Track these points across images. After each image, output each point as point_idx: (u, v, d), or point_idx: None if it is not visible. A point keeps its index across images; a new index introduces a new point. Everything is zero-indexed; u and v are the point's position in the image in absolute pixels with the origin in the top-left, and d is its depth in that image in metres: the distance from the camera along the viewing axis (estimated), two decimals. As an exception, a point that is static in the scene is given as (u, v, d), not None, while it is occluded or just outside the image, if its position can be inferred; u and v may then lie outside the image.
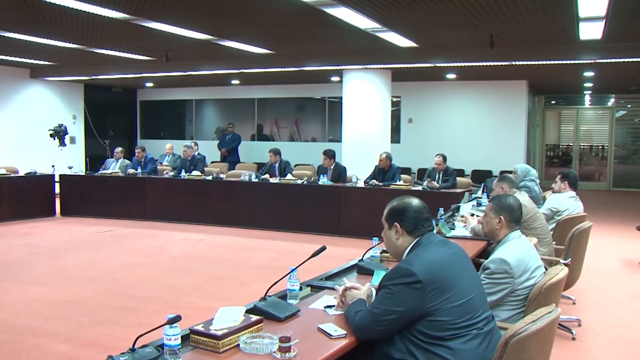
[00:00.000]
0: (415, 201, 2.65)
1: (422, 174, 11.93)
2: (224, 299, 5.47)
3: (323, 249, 3.02)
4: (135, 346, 2.12)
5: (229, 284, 6.36)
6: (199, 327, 2.31)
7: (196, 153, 11.27)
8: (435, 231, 2.69)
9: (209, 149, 14.41)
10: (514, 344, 2.19)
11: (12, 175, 10.75)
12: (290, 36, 8.82)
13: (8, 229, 9.57)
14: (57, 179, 11.18)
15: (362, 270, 3.45)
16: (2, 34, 8.71)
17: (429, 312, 2.33)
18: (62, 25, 8.03)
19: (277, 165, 10.17)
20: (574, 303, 5.65)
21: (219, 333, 2.25)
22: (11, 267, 7.09)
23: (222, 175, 10.44)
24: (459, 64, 10.43)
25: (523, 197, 4.96)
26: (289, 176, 9.81)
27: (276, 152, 10.26)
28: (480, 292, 2.56)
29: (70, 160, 12.49)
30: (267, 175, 9.94)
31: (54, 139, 12.14)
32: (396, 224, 2.61)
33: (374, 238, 3.73)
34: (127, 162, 11.33)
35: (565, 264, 3.94)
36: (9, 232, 9.34)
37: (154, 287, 6.20)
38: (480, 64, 10.02)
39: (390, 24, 7.61)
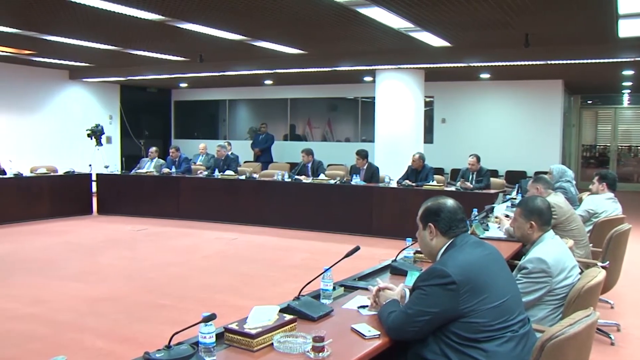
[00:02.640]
0: (450, 202, 2.63)
1: (455, 174, 11.84)
2: (256, 298, 5.50)
3: (357, 249, 3.01)
4: (171, 343, 2.14)
5: (262, 283, 6.40)
6: (233, 326, 2.32)
7: (229, 153, 11.36)
8: (469, 232, 2.66)
9: (242, 149, 14.51)
10: (550, 348, 2.15)
11: (52, 174, 11.00)
12: (323, 36, 8.83)
13: (47, 227, 9.78)
14: (94, 178, 11.37)
15: (396, 270, 3.44)
16: (44, 37, 8.91)
17: (463, 314, 2.32)
18: (100, 27, 8.18)
19: (309, 165, 10.19)
20: (612, 307, 5.54)
21: (253, 332, 2.27)
22: (50, 264, 7.25)
23: (255, 175, 10.50)
24: (493, 64, 10.31)
25: (559, 199, 4.88)
26: (321, 176, 9.83)
27: (309, 152, 10.28)
28: (515, 294, 2.53)
29: (106, 159, 12.72)
30: (302, 177, 9.95)
31: (91, 138, 12.36)
32: (430, 224, 2.60)
33: (407, 238, 3.71)
34: (162, 161, 11.48)
35: (603, 267, 3.86)
36: (48, 230, 9.55)
37: (187, 286, 6.27)
38: (515, 63, 9.89)
39: (423, 23, 7.57)
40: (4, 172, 10.27)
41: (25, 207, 10.18)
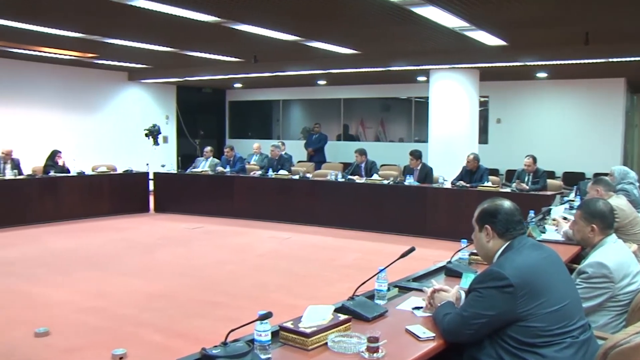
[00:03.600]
0: (507, 203, 2.59)
1: (510, 175, 11.60)
2: (309, 298, 5.53)
3: (412, 249, 3.00)
4: (227, 340, 2.17)
5: (315, 283, 6.43)
6: (289, 324, 2.35)
7: (283, 152, 11.44)
8: (526, 234, 2.61)
9: (296, 149, 14.59)
10: (614, 356, 2.07)
11: (111, 172, 11.33)
12: (377, 36, 8.80)
13: (107, 224, 10.07)
14: (151, 176, 11.65)
15: (451, 272, 3.41)
16: (106, 41, 9.18)
17: (520, 317, 2.28)
18: (159, 30, 8.37)
19: (363, 165, 10.18)
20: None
21: (308, 331, 2.28)
22: (110, 260, 7.47)
23: (308, 175, 10.56)
24: (550, 62, 10.07)
25: (621, 201, 4.74)
26: (375, 176, 9.80)
27: (362, 153, 10.27)
28: (575, 298, 2.47)
29: (163, 158, 13.01)
30: (355, 177, 9.95)
31: (149, 138, 12.62)
32: (487, 226, 2.56)
33: (462, 240, 3.67)
34: (216, 160, 11.66)
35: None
36: (107, 227, 9.83)
37: (241, 284, 6.36)
38: (574, 61, 9.64)
39: (479, 22, 7.46)
40: (68, 171, 10.64)
41: (87, 204, 10.52)
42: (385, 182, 9.57)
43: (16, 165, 10.13)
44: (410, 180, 9.38)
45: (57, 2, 6.78)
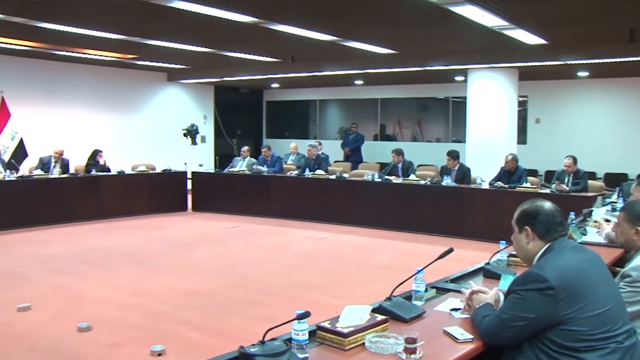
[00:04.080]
0: (547, 204, 2.54)
1: (549, 176, 11.41)
2: (345, 297, 5.53)
3: (450, 250, 2.97)
4: (265, 339, 2.18)
5: (351, 283, 6.42)
6: (326, 324, 2.35)
7: (320, 152, 11.46)
8: (567, 236, 2.56)
9: (333, 149, 14.59)
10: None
11: (150, 172, 11.51)
12: (415, 36, 8.75)
13: (146, 222, 10.23)
14: (189, 176, 11.79)
15: (489, 274, 3.36)
16: (146, 42, 9.33)
17: (561, 321, 2.23)
18: (197, 31, 8.47)
19: (400, 165, 10.13)
20: None
21: (345, 331, 2.28)
22: (149, 258, 7.59)
23: (345, 175, 10.55)
24: (593, 61, 9.86)
25: (666, 203, 4.61)
26: (412, 176, 9.75)
27: (399, 153, 10.23)
28: (619, 302, 2.41)
29: (201, 158, 13.16)
30: (392, 177, 9.91)
31: (187, 138, 12.77)
32: (527, 227, 2.51)
33: (501, 241, 3.62)
34: (253, 160, 11.74)
35: None
36: (146, 225, 9.99)
37: (278, 283, 6.39)
38: (618, 60, 9.42)
39: (518, 20, 7.36)
40: (108, 170, 10.85)
41: (126, 203, 10.70)
42: (422, 182, 9.52)
43: (65, 165, 10.40)
44: (447, 181, 9.30)
45: (99, 5, 6.92)
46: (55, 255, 7.56)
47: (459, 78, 12.82)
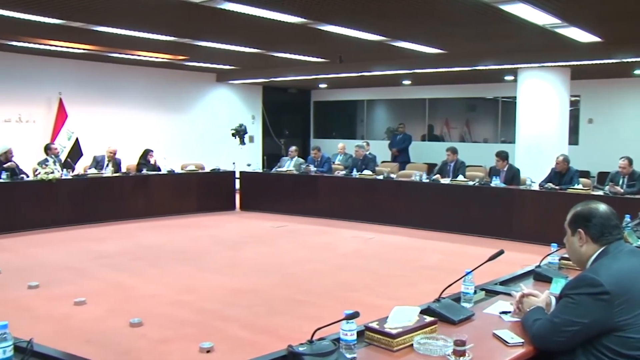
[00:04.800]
0: (602, 207, 2.47)
1: (602, 178, 11.11)
2: (392, 298, 5.51)
3: (501, 252, 2.93)
4: (313, 338, 2.20)
5: (398, 283, 6.40)
6: (374, 325, 2.35)
7: (367, 153, 11.45)
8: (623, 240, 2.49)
9: (380, 149, 14.55)
10: None
11: (199, 171, 11.69)
12: (464, 35, 8.66)
13: (195, 221, 10.39)
14: (237, 175, 11.92)
15: (540, 277, 3.29)
16: (196, 43, 9.49)
17: (617, 327, 2.17)
18: (246, 32, 8.56)
19: (452, 164, 10.03)
20: None
21: (394, 332, 2.28)
22: (198, 256, 7.71)
23: (392, 175, 10.51)
24: (650, 59, 9.58)
25: None
26: (460, 177, 9.65)
27: (454, 151, 10.13)
28: None
29: (249, 158, 13.29)
30: (437, 176, 9.84)
31: (235, 137, 12.91)
32: (580, 230, 2.44)
33: (552, 244, 3.56)
34: (301, 160, 11.80)
35: None
36: (195, 224, 10.15)
37: (324, 282, 6.41)
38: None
39: (571, 18, 7.19)
40: (159, 169, 11.07)
41: (176, 201, 10.91)
42: (471, 183, 9.41)
43: (117, 164, 10.69)
44: (496, 182, 9.16)
45: (152, 8, 7.07)
46: (108, 252, 7.78)
47: (509, 78, 12.62)
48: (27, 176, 9.52)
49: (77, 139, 11.62)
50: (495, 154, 9.57)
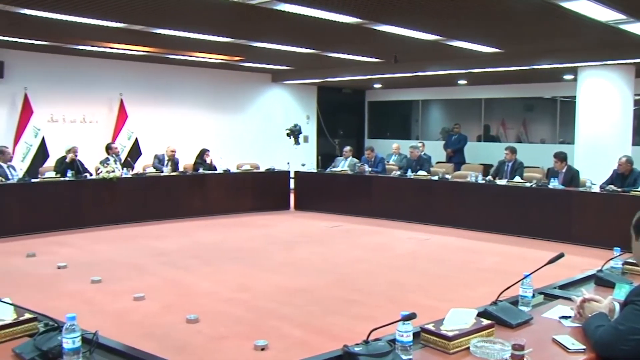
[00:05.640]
0: None
1: (669, 180, 10.73)
2: (447, 300, 5.46)
3: (561, 256, 2.86)
4: (369, 339, 2.19)
5: (453, 285, 6.33)
6: (430, 326, 2.33)
7: (422, 153, 11.37)
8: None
9: (435, 149, 14.42)
10: None
11: (255, 171, 11.82)
12: (522, 33, 8.50)
13: (249, 220, 10.52)
14: (292, 175, 11.99)
15: (601, 281, 3.18)
16: (252, 44, 9.61)
17: None
18: (302, 32, 8.62)
19: (510, 164, 9.85)
20: None
21: (450, 334, 2.26)
22: (253, 254, 7.80)
23: (447, 176, 10.40)
24: None
25: None
26: (517, 178, 9.47)
27: (513, 151, 9.94)
28: None
29: (303, 158, 13.37)
30: (495, 178, 9.68)
31: (290, 137, 13.01)
32: (646, 233, 2.36)
33: (615, 248, 3.45)
34: (355, 160, 11.80)
35: None
36: (250, 223, 10.27)
37: (378, 283, 6.39)
38: None
39: (637, 13, 6.95)
40: (215, 168, 11.26)
41: (231, 200, 11.06)
42: (528, 184, 9.22)
43: (175, 163, 10.96)
44: (554, 183, 8.95)
45: (210, 10, 7.19)
46: (166, 250, 7.96)
47: (568, 77, 12.30)
48: (90, 175, 9.85)
49: (136, 138, 11.93)
50: (553, 155, 9.35)
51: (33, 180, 9.25)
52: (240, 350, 4.43)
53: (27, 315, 2.44)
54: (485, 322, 2.41)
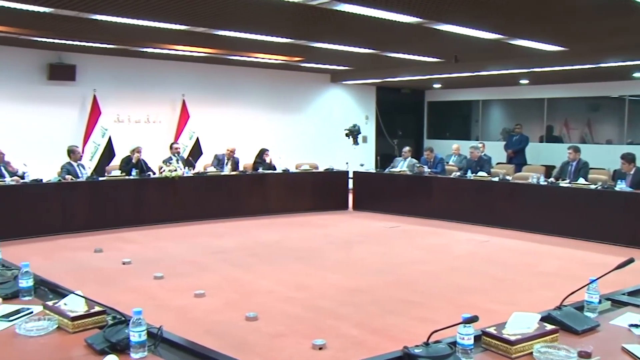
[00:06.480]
0: None
1: None
2: (507, 303, 5.36)
3: (631, 261, 2.77)
4: (429, 340, 2.19)
5: (513, 288, 6.21)
6: (492, 330, 2.31)
7: (483, 154, 11.20)
8: None
9: (495, 150, 14.16)
10: None
11: (314, 170, 11.90)
12: (587, 31, 8.25)
13: (308, 219, 10.59)
14: (350, 175, 12.01)
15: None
16: (312, 45, 9.67)
17: None
18: (361, 32, 8.61)
19: (574, 164, 9.60)
20: None
21: (512, 338, 2.23)
22: (311, 254, 7.85)
23: (508, 177, 10.21)
24: None
25: None
26: (581, 180, 9.21)
27: (576, 150, 9.70)
28: None
29: (362, 158, 13.35)
30: (553, 179, 9.44)
31: (349, 138, 13.02)
32: None
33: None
34: (414, 160, 11.72)
35: None
36: (308, 222, 10.35)
37: (437, 284, 6.34)
38: None
39: None
40: (274, 168, 11.38)
41: (290, 200, 11.17)
42: (593, 186, 8.95)
43: (235, 163, 11.15)
44: (621, 186, 8.66)
45: (270, 11, 7.27)
46: (226, 248, 8.11)
47: (638, 74, 11.88)
48: (154, 173, 10.11)
49: (197, 138, 12.18)
50: (620, 156, 9.06)
51: (100, 178, 9.59)
52: (298, 348, 4.46)
53: (97, 308, 2.57)
54: (549, 327, 2.36)
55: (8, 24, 8.26)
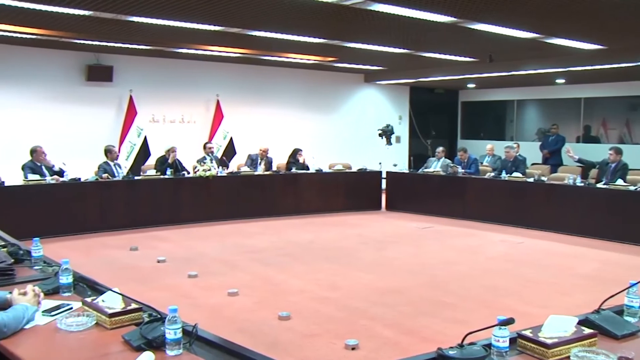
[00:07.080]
0: None
1: None
2: (542, 306, 5.29)
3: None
4: (463, 342, 2.18)
5: (548, 291, 6.12)
6: (527, 333, 2.28)
7: (518, 154, 11.06)
8: None
9: (531, 151, 13.96)
10: None
11: (347, 170, 11.90)
12: (626, 28, 8.08)
13: (341, 219, 10.60)
14: (383, 175, 11.99)
15: None
16: (345, 45, 9.67)
17: None
18: (395, 32, 8.58)
19: (614, 165, 9.40)
20: None
21: (549, 341, 2.20)
22: (345, 254, 7.86)
23: (543, 178, 10.06)
24: None
25: None
26: (619, 181, 9.03)
27: (618, 151, 9.46)
28: None
29: (395, 158, 13.29)
30: (591, 180, 9.29)
31: (382, 138, 12.98)
32: None
33: None
34: (448, 161, 11.64)
35: None
36: (341, 222, 10.35)
37: (470, 286, 6.29)
38: None
39: None
40: (307, 168, 11.41)
41: (323, 200, 11.20)
42: (632, 188, 8.77)
43: (269, 162, 11.23)
44: (662, 187, 8.48)
45: (304, 12, 7.29)
46: (259, 247, 8.16)
47: (679, 73, 11.62)
48: (188, 173, 10.23)
49: (231, 138, 12.27)
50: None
51: (136, 177, 9.74)
52: (331, 348, 4.47)
53: (134, 305, 2.61)
54: (587, 331, 2.32)
55: (50, 27, 8.45)
